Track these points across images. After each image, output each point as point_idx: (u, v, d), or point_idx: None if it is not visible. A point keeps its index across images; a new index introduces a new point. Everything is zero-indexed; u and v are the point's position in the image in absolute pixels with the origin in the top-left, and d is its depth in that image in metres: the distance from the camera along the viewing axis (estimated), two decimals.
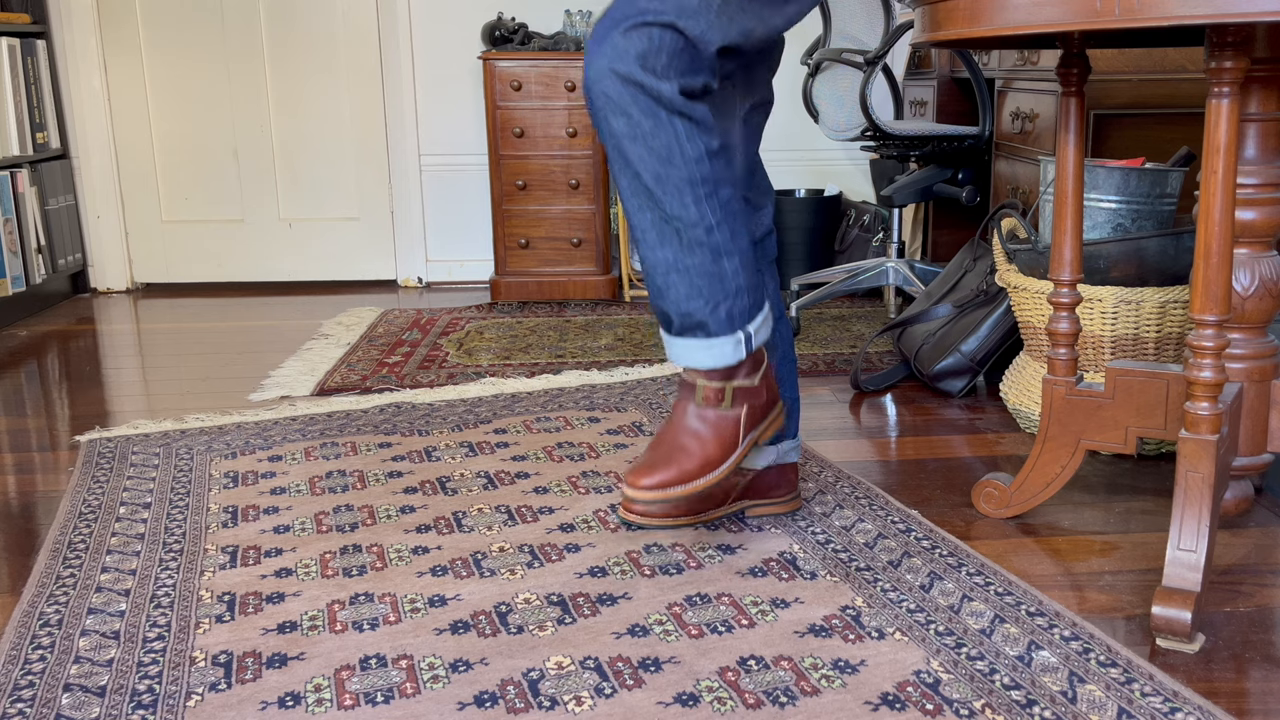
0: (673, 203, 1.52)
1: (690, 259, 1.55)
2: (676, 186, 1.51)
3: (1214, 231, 1.46)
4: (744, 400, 1.62)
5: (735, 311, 1.58)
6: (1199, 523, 1.48)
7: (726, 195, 1.55)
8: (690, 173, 1.51)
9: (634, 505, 1.61)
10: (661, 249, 1.55)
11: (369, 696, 1.35)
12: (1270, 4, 1.22)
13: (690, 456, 1.57)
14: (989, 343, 2.55)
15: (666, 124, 1.48)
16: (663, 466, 1.56)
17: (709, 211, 1.53)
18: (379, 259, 4.31)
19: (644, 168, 1.50)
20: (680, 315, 1.58)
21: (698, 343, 1.59)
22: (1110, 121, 2.63)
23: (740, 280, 1.58)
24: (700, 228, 1.53)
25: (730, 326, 1.58)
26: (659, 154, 1.49)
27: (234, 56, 4.15)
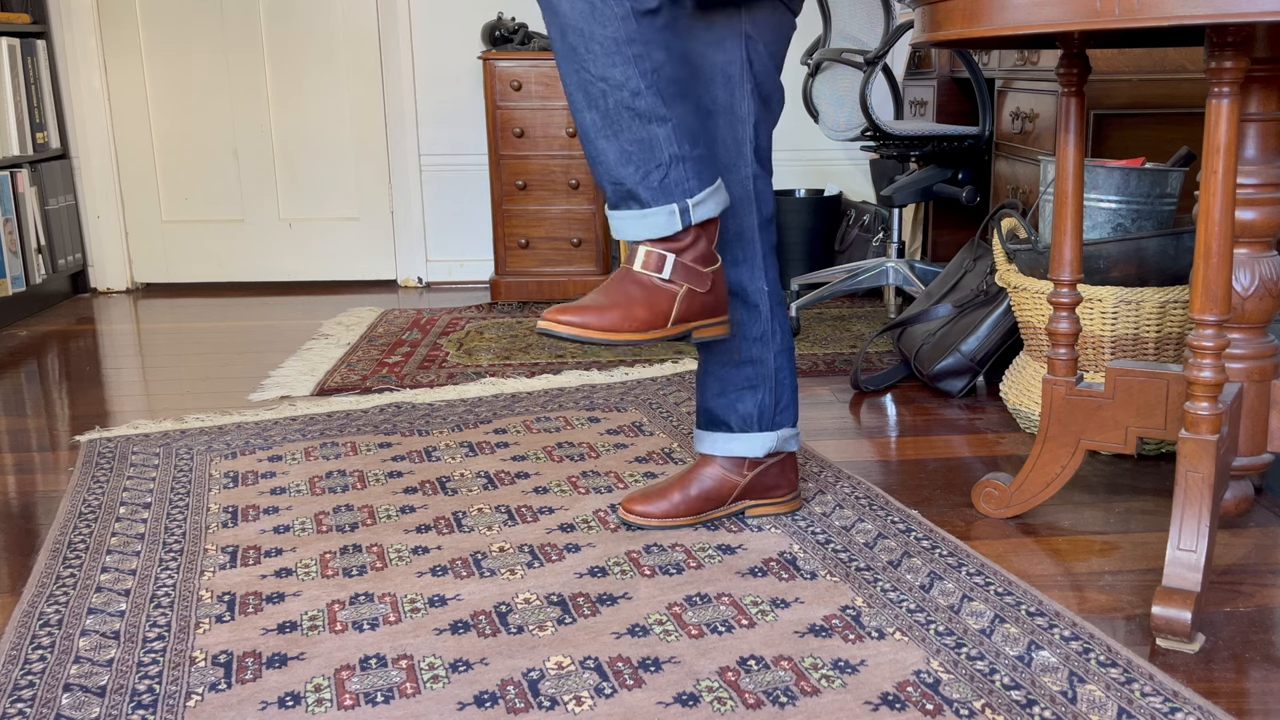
0: (597, 62, 1.48)
1: (618, 123, 1.51)
2: (602, 45, 1.47)
3: (1214, 231, 1.46)
4: (685, 279, 1.59)
5: (670, 182, 1.53)
6: (1199, 523, 1.48)
7: (659, 59, 1.50)
8: (615, 31, 1.47)
9: (547, 330, 1.54)
10: (589, 111, 1.51)
11: (369, 696, 1.35)
12: (1270, 4, 1.22)
13: (617, 308, 1.54)
14: (989, 343, 2.55)
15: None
16: (589, 309, 1.54)
17: (636, 74, 1.49)
18: (379, 259, 4.31)
19: (568, 23, 1.47)
20: (613, 184, 1.55)
21: (631, 214, 1.56)
22: (1110, 121, 2.63)
23: (675, 149, 1.53)
24: (626, 90, 1.49)
25: (665, 197, 1.54)
26: (581, 9, 1.46)
27: (234, 56, 4.15)
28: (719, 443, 1.84)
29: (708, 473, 1.84)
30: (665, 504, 1.82)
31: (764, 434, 1.83)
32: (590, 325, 1.53)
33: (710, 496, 1.83)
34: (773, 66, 1.74)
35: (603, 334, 1.53)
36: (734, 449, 1.83)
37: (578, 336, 1.52)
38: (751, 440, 1.82)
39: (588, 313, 1.53)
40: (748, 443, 1.82)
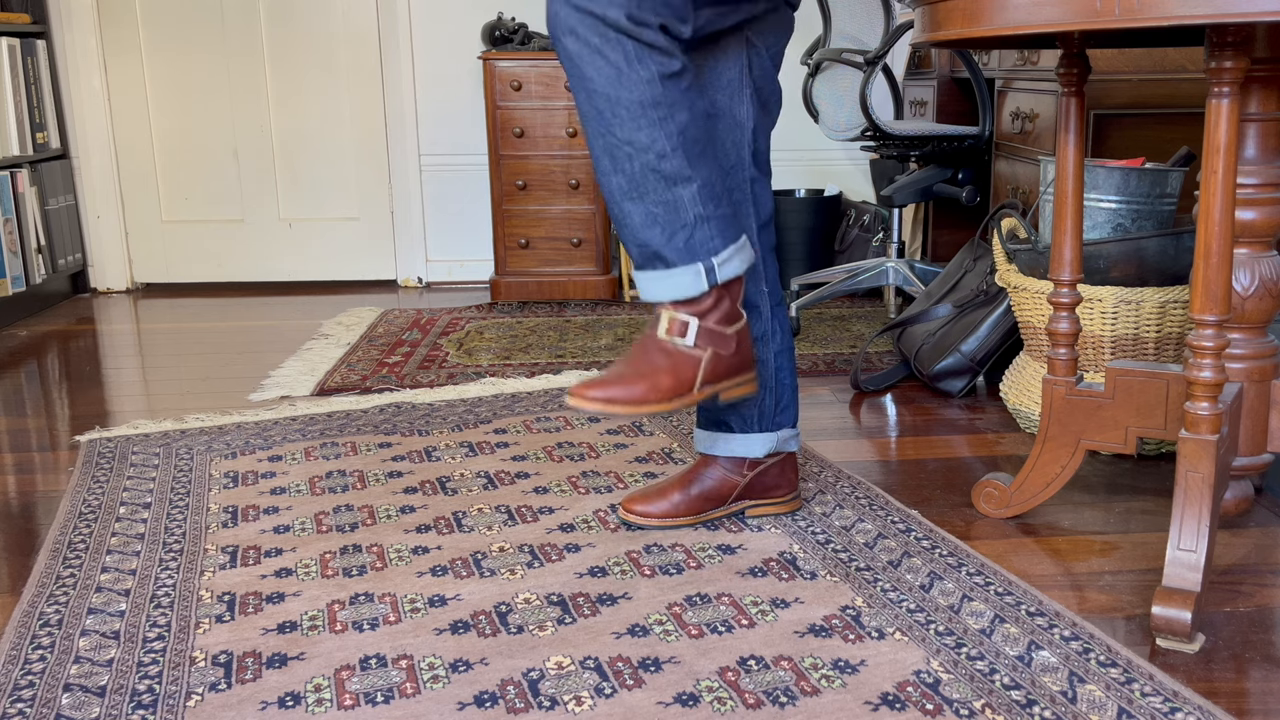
0: (624, 126, 1.50)
1: (644, 186, 1.52)
2: (628, 109, 1.49)
3: (1214, 231, 1.46)
4: (710, 344, 1.60)
5: (695, 242, 1.54)
6: (1199, 523, 1.48)
7: (683, 120, 1.51)
8: (641, 95, 1.48)
9: (576, 406, 1.55)
10: (615, 175, 1.53)
11: (369, 696, 1.35)
12: (1270, 4, 1.22)
13: (642, 379, 1.55)
14: (989, 343, 2.55)
15: (615, 44, 1.46)
16: (614, 383, 1.55)
17: (662, 137, 1.50)
18: (379, 259, 4.31)
19: (595, 88, 1.49)
20: (639, 246, 1.56)
21: (657, 274, 1.57)
22: (1110, 121, 2.63)
23: (700, 209, 1.54)
24: (652, 153, 1.51)
25: (689, 256, 1.55)
26: (607, 75, 1.47)
27: (234, 56, 4.15)
28: (719, 443, 1.84)
29: (708, 473, 1.84)
30: (665, 504, 1.82)
31: (764, 434, 1.83)
32: (616, 399, 1.54)
33: (710, 496, 1.83)
34: (772, 70, 1.74)
35: (629, 407, 1.54)
36: (734, 449, 1.83)
37: (605, 412, 1.54)
38: (751, 441, 1.82)
39: (613, 386, 1.55)
40: (748, 443, 1.82)
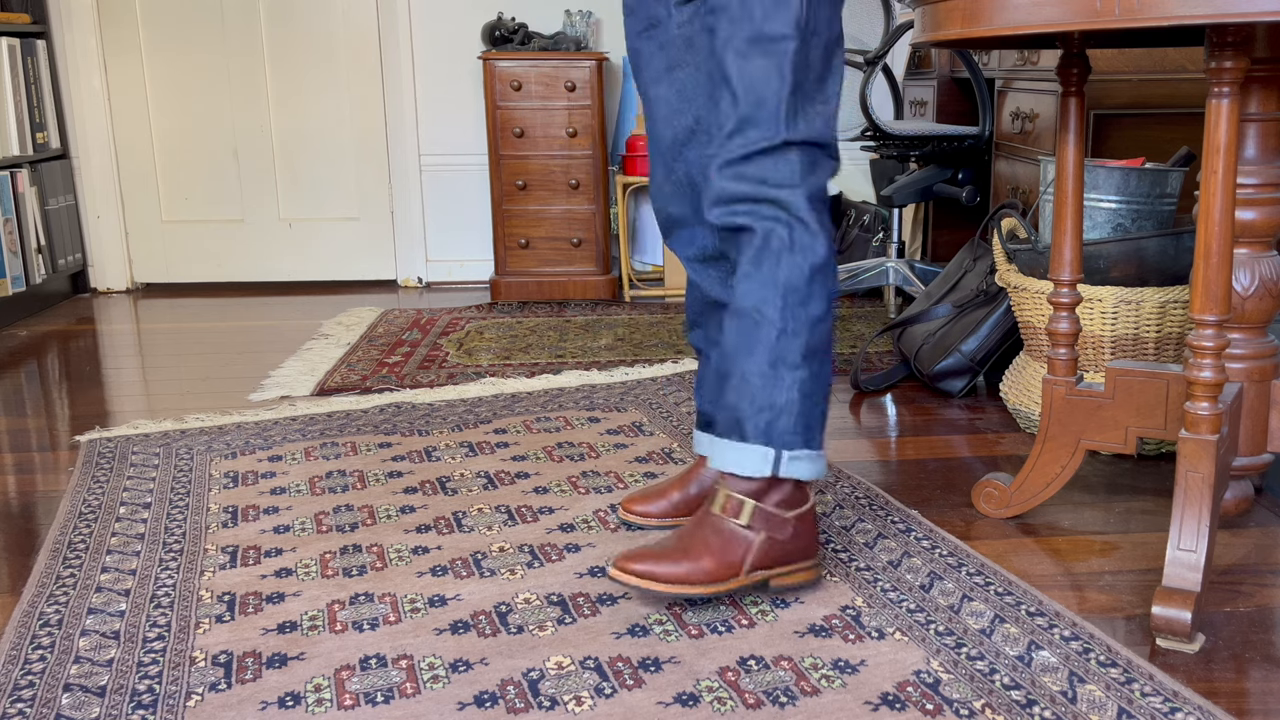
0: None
1: (752, 354, 1.54)
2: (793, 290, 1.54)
3: (1214, 231, 1.46)
4: (764, 528, 1.55)
5: (776, 428, 1.53)
6: (1199, 523, 1.48)
7: (816, 313, 1.53)
8: (786, 276, 1.52)
9: (617, 580, 1.53)
10: (735, 334, 1.56)
11: (369, 696, 1.35)
12: (1270, 4, 1.22)
13: (687, 558, 1.52)
14: (989, 343, 2.55)
15: (786, 226, 1.52)
16: (658, 558, 1.52)
17: (789, 318, 1.52)
18: (379, 259, 4.31)
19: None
20: (726, 409, 1.56)
21: (731, 444, 1.56)
22: (1110, 121, 2.63)
23: (795, 403, 1.53)
24: (776, 327, 1.52)
25: (765, 439, 1.53)
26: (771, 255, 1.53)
27: (234, 56, 4.15)
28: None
29: (707, 472, 1.84)
30: (665, 503, 1.82)
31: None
32: (657, 576, 1.51)
33: (709, 494, 1.83)
34: None
35: (669, 586, 1.51)
36: None
37: (643, 588, 1.51)
38: None
39: (657, 561, 1.52)
40: None
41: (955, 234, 3.57)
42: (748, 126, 1.49)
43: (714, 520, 1.56)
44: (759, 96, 1.49)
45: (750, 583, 1.55)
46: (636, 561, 1.52)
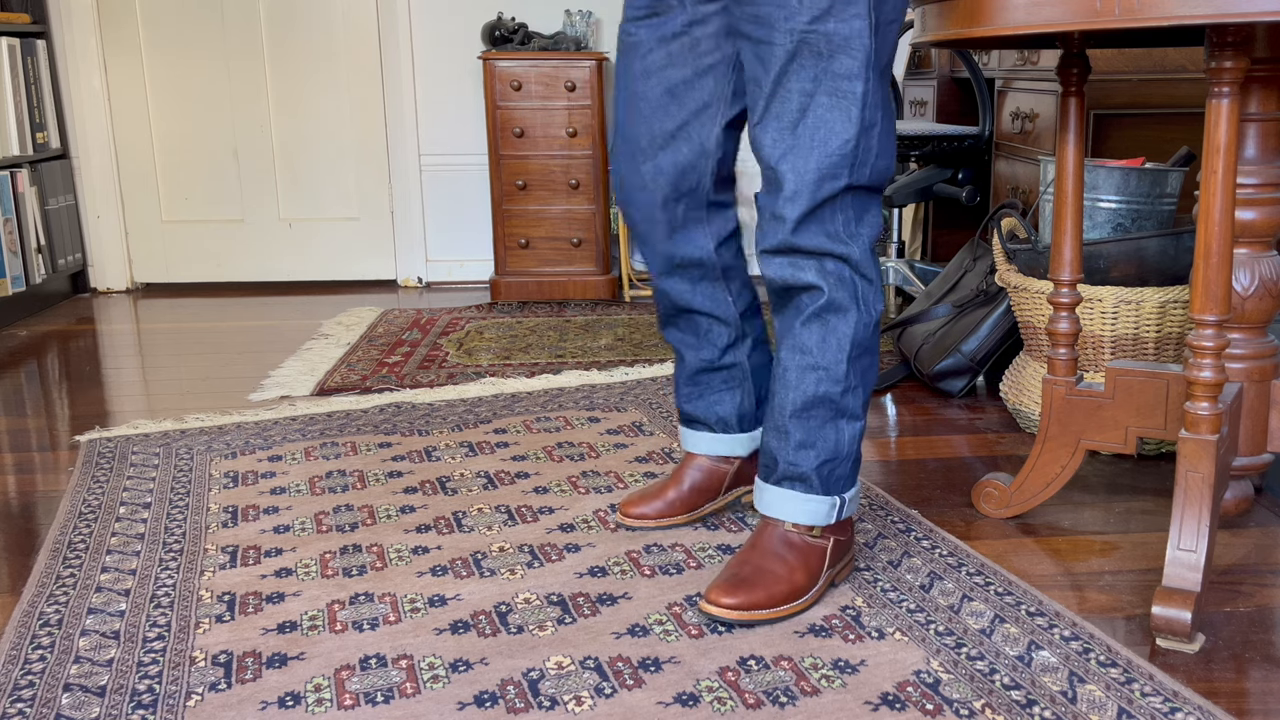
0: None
1: (817, 410, 1.54)
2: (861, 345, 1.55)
3: (1214, 231, 1.46)
4: (831, 532, 1.59)
5: (836, 476, 1.56)
6: (1199, 523, 1.48)
7: (874, 363, 1.56)
8: (854, 334, 1.52)
9: (715, 616, 1.51)
10: (799, 389, 1.55)
11: (369, 696, 1.35)
12: (1270, 4, 1.22)
13: (778, 580, 1.52)
14: (989, 343, 2.55)
15: (850, 282, 1.52)
16: (748, 587, 1.50)
17: (854, 374, 1.54)
18: (379, 259, 4.31)
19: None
20: (787, 463, 1.56)
21: (794, 494, 1.57)
22: (1110, 121, 2.63)
23: (855, 453, 1.58)
24: (839, 386, 1.53)
25: (827, 488, 1.56)
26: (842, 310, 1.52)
27: (234, 56, 4.15)
28: (704, 442, 1.83)
29: (696, 464, 1.84)
30: (660, 503, 1.82)
31: (746, 434, 1.82)
32: (757, 604, 1.50)
33: (703, 488, 1.83)
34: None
35: (769, 612, 1.51)
36: (718, 448, 1.83)
37: (744, 620, 1.50)
38: (736, 441, 1.82)
39: (746, 590, 1.50)
40: (732, 443, 1.82)
41: (955, 234, 3.57)
42: (817, 174, 1.45)
43: (788, 536, 1.57)
44: (826, 139, 1.44)
45: (826, 586, 1.58)
46: (728, 595, 1.49)
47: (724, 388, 1.80)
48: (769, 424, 1.59)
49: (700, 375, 1.80)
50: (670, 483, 1.84)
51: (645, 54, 1.61)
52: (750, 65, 1.49)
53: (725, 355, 1.78)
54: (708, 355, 1.78)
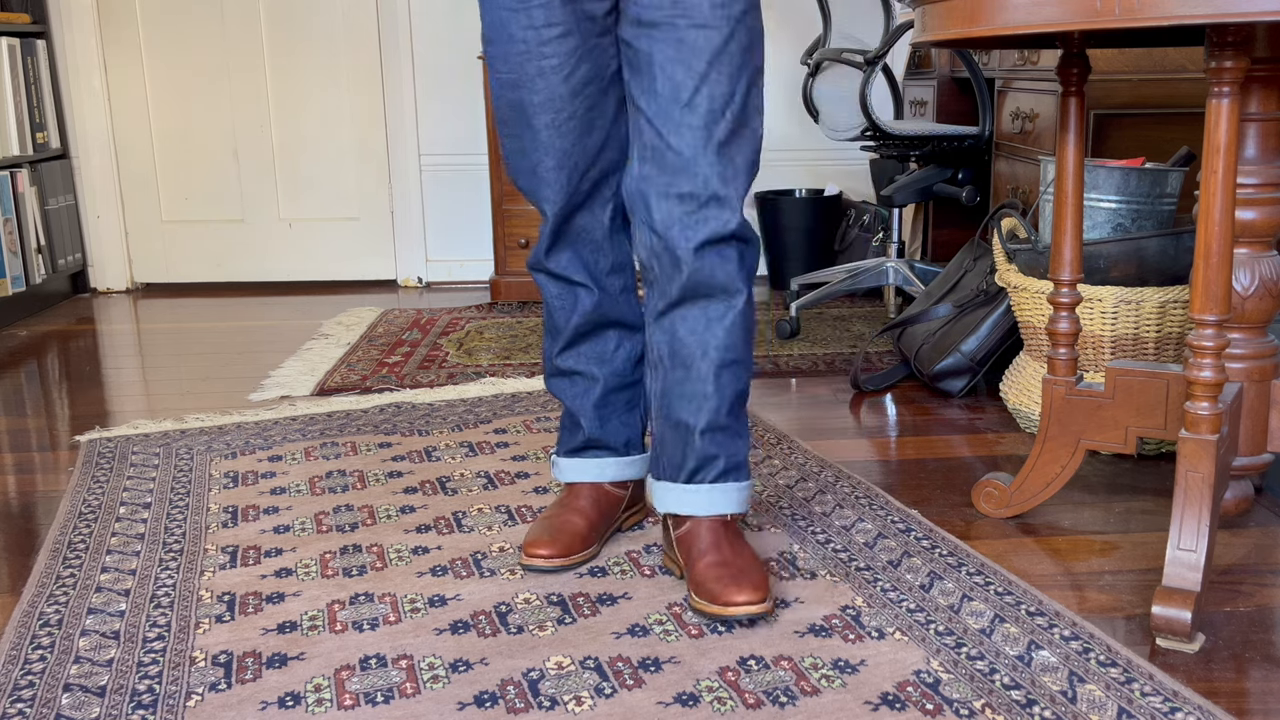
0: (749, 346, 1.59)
1: (741, 397, 1.59)
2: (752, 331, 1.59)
3: (1214, 231, 1.46)
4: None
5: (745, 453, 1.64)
6: (1199, 522, 1.48)
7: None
8: (750, 319, 1.57)
9: (752, 614, 1.49)
10: (738, 385, 1.58)
11: (369, 696, 1.35)
12: (1270, 4, 1.22)
13: (760, 567, 1.56)
14: (989, 343, 2.55)
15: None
16: (755, 580, 1.50)
17: (750, 358, 1.60)
18: (379, 259, 4.31)
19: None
20: (723, 452, 1.58)
21: (736, 486, 1.59)
22: (1110, 121, 2.63)
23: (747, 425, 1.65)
24: (747, 372, 1.58)
25: (748, 470, 1.64)
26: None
27: (234, 56, 4.15)
28: (610, 468, 1.77)
29: (590, 494, 1.77)
30: (567, 540, 1.71)
31: (644, 455, 1.81)
32: (768, 593, 1.52)
33: (609, 517, 1.78)
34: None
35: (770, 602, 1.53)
36: (627, 473, 1.79)
37: (765, 612, 1.50)
38: (642, 461, 1.81)
39: (752, 583, 1.51)
40: (640, 464, 1.81)
41: (955, 234, 3.57)
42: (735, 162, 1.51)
43: (730, 524, 1.61)
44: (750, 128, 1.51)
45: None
46: (743, 592, 1.48)
47: (629, 406, 1.76)
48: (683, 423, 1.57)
49: (611, 395, 1.74)
50: (572, 514, 1.74)
51: (565, 52, 1.66)
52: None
53: (637, 370, 1.75)
54: (620, 371, 1.74)
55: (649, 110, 1.49)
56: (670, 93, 1.47)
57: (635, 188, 1.52)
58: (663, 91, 1.47)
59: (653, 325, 1.59)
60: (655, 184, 1.49)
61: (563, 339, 1.72)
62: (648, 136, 1.49)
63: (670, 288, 1.54)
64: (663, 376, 1.59)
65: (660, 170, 1.49)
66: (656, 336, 1.59)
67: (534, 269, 1.70)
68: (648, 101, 1.49)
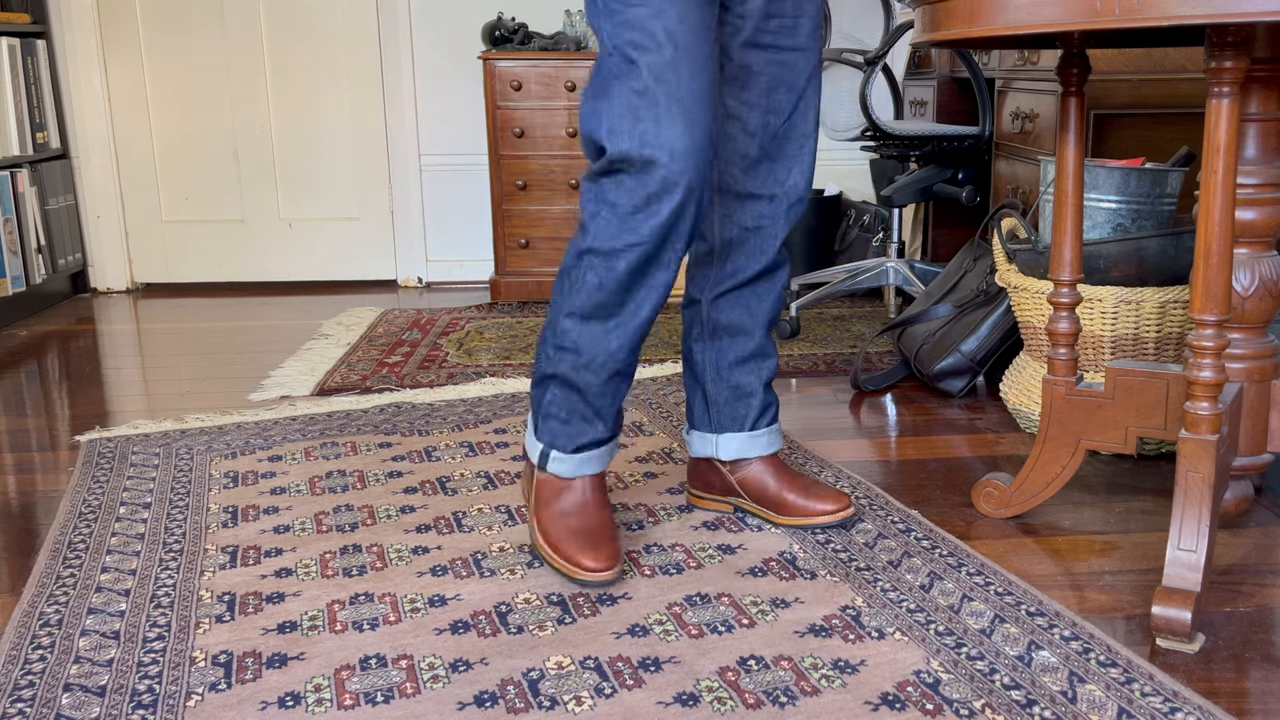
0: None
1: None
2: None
3: (1214, 231, 1.46)
4: None
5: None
6: (1199, 523, 1.48)
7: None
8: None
9: (841, 520, 1.82)
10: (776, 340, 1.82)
11: (369, 696, 1.35)
12: (1270, 4, 1.22)
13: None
14: (989, 343, 2.55)
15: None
16: (831, 492, 1.84)
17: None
18: (379, 259, 4.31)
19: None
20: (777, 401, 1.90)
21: (779, 424, 1.90)
22: (1110, 121, 2.63)
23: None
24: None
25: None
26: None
27: (234, 56, 4.15)
28: (612, 452, 1.80)
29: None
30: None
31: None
32: (847, 502, 1.85)
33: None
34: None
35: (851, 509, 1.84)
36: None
37: (850, 517, 1.84)
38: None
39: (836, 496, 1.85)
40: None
41: (955, 234, 3.57)
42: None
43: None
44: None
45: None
46: (830, 501, 1.80)
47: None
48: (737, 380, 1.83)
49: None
50: (595, 510, 1.73)
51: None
52: None
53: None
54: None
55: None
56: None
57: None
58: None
59: (718, 300, 1.79)
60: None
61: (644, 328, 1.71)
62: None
63: (752, 266, 1.77)
64: (723, 345, 1.82)
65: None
66: (724, 311, 1.80)
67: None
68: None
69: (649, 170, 1.50)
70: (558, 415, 1.69)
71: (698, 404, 1.85)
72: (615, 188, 1.53)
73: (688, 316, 1.83)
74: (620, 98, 1.50)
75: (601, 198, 1.55)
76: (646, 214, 1.52)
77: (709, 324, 1.81)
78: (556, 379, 1.67)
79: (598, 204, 1.56)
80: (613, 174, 1.54)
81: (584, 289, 1.59)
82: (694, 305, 1.82)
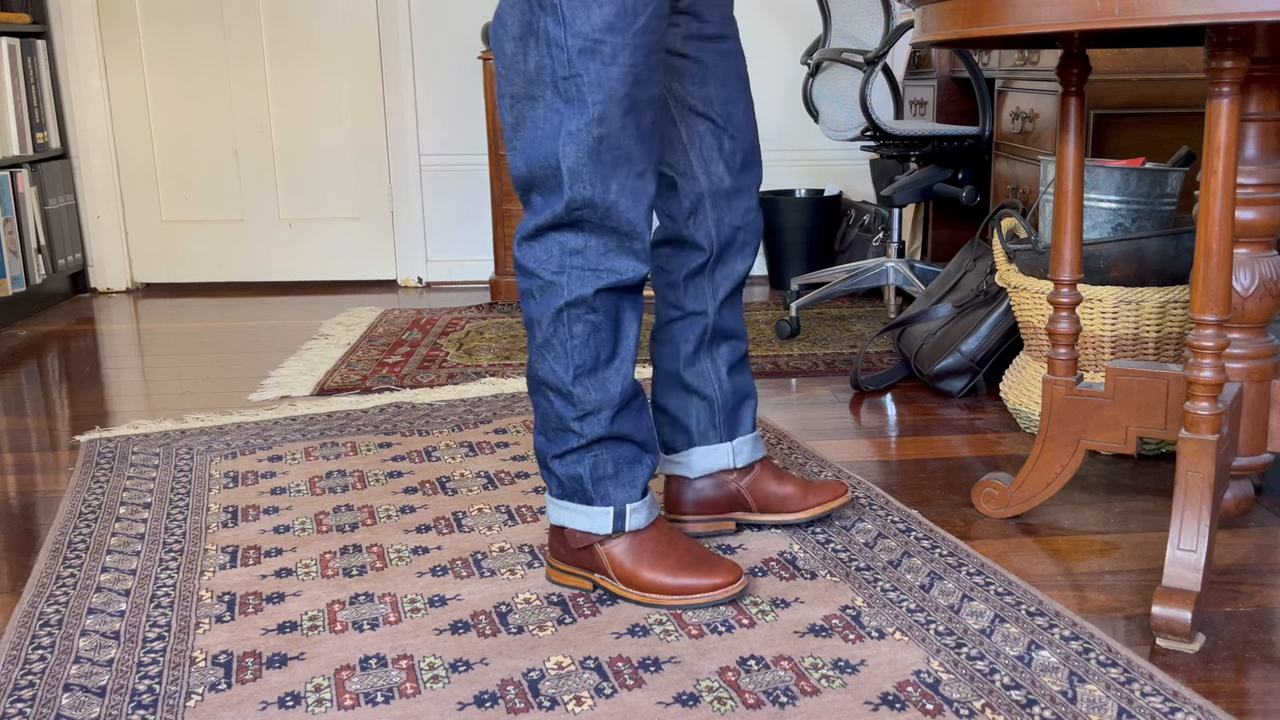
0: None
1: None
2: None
3: (1214, 231, 1.46)
4: None
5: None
6: (1199, 523, 1.48)
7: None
8: None
9: (831, 509, 1.83)
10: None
11: (369, 696, 1.35)
12: (1270, 4, 1.22)
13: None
14: (989, 343, 2.55)
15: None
16: (829, 485, 1.86)
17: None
18: (379, 259, 4.31)
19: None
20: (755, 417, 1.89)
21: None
22: (1110, 121, 2.63)
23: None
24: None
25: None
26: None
27: (234, 56, 4.15)
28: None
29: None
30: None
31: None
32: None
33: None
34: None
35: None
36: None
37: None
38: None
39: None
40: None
41: (955, 234, 3.57)
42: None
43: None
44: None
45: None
46: (822, 495, 1.82)
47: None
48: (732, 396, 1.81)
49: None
50: (677, 534, 1.67)
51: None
52: None
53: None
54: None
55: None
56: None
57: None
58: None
59: (721, 308, 1.76)
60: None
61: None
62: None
63: (745, 263, 1.76)
64: (723, 350, 1.78)
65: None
66: (725, 316, 1.76)
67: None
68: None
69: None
70: (610, 475, 1.57)
71: (701, 418, 1.76)
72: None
73: (678, 333, 1.75)
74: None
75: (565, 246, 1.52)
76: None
77: (712, 332, 1.74)
78: (595, 445, 1.55)
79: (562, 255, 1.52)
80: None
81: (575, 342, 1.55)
82: (692, 318, 1.73)
